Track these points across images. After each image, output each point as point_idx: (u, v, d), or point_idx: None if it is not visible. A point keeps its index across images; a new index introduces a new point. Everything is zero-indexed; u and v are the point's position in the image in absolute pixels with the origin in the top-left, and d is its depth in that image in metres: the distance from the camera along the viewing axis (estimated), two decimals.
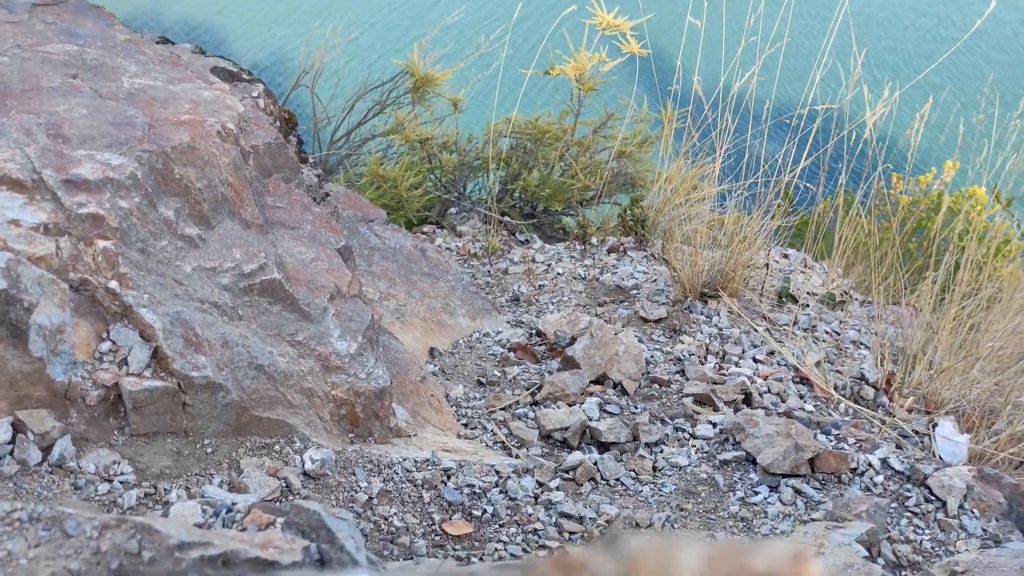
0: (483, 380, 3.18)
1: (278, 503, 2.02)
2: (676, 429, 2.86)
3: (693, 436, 2.82)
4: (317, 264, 2.59)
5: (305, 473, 2.17)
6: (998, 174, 3.55)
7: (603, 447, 2.75)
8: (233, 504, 1.89)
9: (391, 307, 3.38)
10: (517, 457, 2.67)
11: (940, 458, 2.87)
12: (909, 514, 2.42)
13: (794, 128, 3.71)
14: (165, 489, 1.96)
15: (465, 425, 2.89)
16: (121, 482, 1.93)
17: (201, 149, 2.41)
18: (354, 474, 2.24)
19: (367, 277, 3.42)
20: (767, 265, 3.97)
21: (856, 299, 4.29)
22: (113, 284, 2.06)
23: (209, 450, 2.12)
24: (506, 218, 5.20)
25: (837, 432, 2.81)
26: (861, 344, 3.71)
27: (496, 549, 2.14)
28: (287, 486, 2.10)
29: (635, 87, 5.04)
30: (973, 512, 2.44)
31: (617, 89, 5.89)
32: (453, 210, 5.44)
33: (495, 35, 5.37)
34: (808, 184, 3.99)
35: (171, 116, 2.46)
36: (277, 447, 2.21)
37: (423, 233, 5.10)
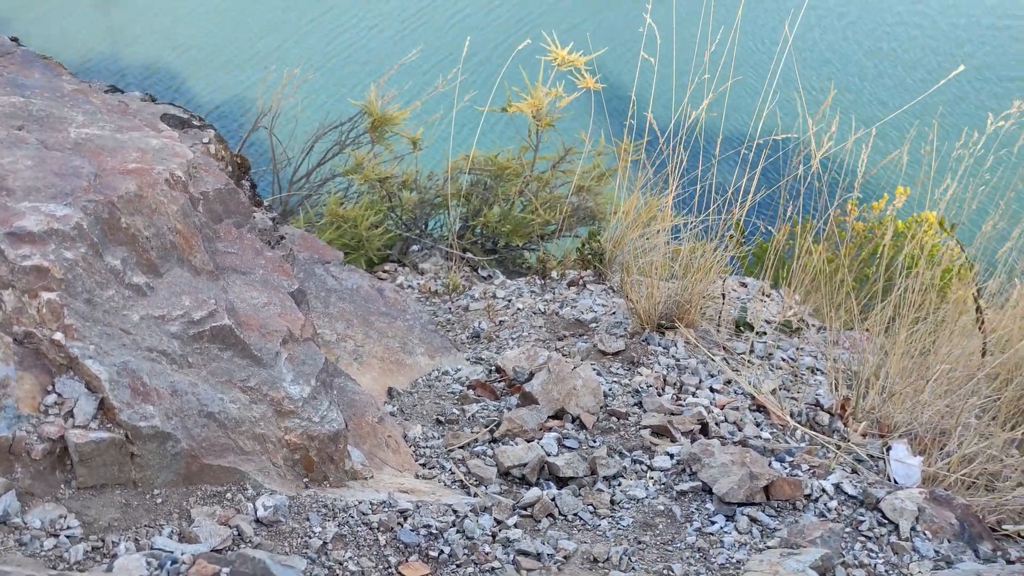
0: (442, 419, 3.18)
1: (229, 552, 2.00)
2: (634, 461, 2.87)
3: (651, 468, 2.84)
4: (269, 308, 2.59)
5: (258, 520, 2.16)
6: (949, 200, 3.63)
7: (561, 482, 2.76)
8: (182, 554, 1.87)
9: (349, 348, 3.37)
10: (475, 495, 2.67)
11: (895, 481, 2.91)
12: (863, 538, 2.45)
13: (745, 159, 3.78)
14: (113, 542, 1.93)
15: (423, 465, 2.89)
16: (68, 536, 1.91)
17: (148, 197, 2.41)
18: (308, 519, 2.23)
19: (324, 319, 3.42)
20: (723, 295, 4.02)
21: (812, 325, 4.34)
22: (58, 336, 2.05)
23: (159, 500, 2.10)
24: (468, 254, 5.22)
25: (791, 459, 2.84)
26: (817, 370, 3.76)
27: None
28: (239, 534, 2.08)
29: (591, 121, 5.10)
30: (925, 534, 2.47)
31: (574, 122, 5.96)
32: (415, 248, 5.45)
33: (451, 74, 5.42)
34: (760, 221, 4.06)
35: (118, 165, 2.46)
36: (229, 495, 2.20)
37: (384, 272, 5.10)
